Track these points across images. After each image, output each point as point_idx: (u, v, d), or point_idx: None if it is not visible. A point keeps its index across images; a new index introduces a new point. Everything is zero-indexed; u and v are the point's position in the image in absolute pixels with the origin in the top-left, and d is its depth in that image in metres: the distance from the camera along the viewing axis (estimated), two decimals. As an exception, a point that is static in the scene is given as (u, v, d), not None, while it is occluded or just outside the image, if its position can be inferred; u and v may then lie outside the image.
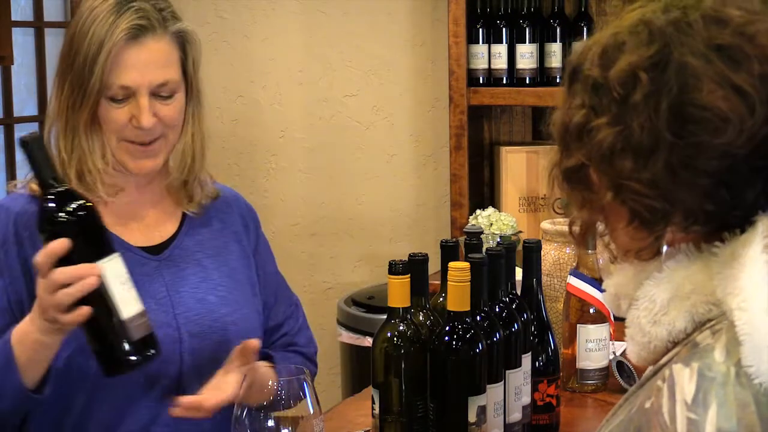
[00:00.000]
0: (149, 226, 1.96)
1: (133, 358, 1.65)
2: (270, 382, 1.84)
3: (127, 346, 1.64)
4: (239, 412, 1.55)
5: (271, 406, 1.57)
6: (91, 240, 1.66)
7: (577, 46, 1.31)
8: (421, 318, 1.76)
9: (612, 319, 2.14)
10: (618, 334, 2.21)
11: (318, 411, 1.57)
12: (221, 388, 1.78)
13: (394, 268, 1.71)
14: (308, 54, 4.12)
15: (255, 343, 1.80)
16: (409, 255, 1.75)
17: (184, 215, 2.00)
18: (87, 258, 1.64)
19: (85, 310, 1.62)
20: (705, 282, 1.20)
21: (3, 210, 1.89)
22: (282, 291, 2.11)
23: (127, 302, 1.65)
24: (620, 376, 2.14)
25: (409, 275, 1.72)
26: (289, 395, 1.58)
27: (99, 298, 1.63)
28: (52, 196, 1.65)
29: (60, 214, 1.64)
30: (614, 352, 2.18)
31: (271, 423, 1.55)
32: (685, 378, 1.14)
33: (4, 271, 1.85)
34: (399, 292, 1.72)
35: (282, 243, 4.08)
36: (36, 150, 1.67)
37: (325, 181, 4.15)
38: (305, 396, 1.59)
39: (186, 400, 1.78)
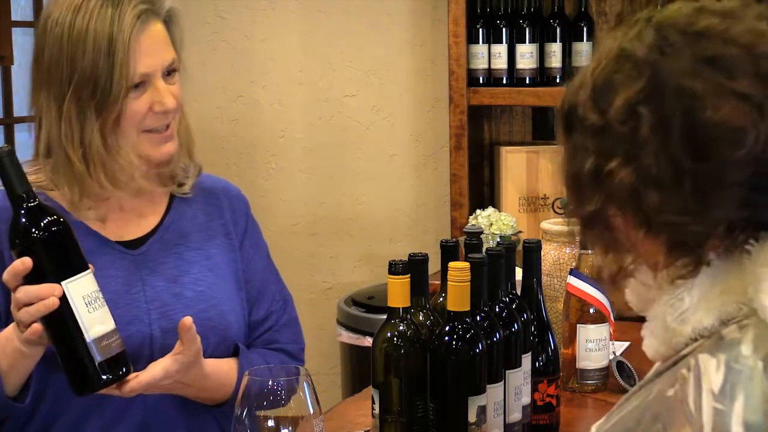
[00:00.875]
0: (131, 219, 1.92)
1: (102, 378, 1.65)
2: (215, 377, 1.85)
3: (94, 366, 1.64)
4: (239, 412, 1.55)
5: (269, 406, 1.56)
6: (61, 257, 1.64)
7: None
8: (421, 318, 1.76)
9: (612, 319, 2.14)
10: (618, 334, 2.22)
11: (318, 411, 1.56)
12: (140, 374, 1.73)
13: (394, 268, 1.71)
14: (308, 54, 4.12)
15: (188, 320, 1.74)
16: (409, 255, 1.75)
17: (168, 208, 1.96)
18: (54, 276, 1.62)
19: (35, 328, 1.62)
20: (736, 283, 1.20)
21: None
22: (269, 285, 2.04)
23: (95, 322, 1.64)
24: (620, 376, 2.14)
25: (409, 275, 1.72)
26: (283, 393, 1.57)
27: (64, 317, 1.63)
28: (24, 212, 1.64)
29: (31, 230, 1.63)
30: (614, 352, 2.18)
31: (271, 423, 1.54)
32: (712, 368, 1.14)
33: None
34: (399, 292, 1.72)
35: (282, 243, 4.08)
36: (9, 165, 1.64)
37: (325, 181, 4.15)
38: (305, 395, 1.58)
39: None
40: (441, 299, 1.81)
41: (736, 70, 1.16)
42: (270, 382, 1.55)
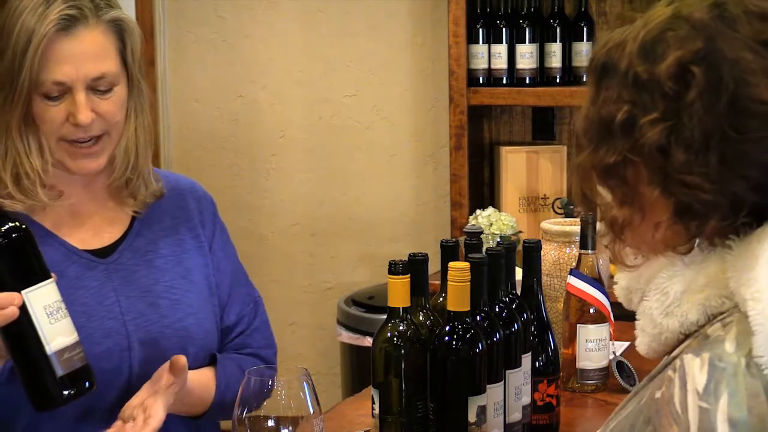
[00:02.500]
0: (97, 226, 1.85)
1: (64, 392, 1.55)
2: (196, 393, 1.82)
3: (55, 380, 1.53)
4: (239, 412, 1.55)
5: (270, 407, 1.56)
6: (21, 266, 1.55)
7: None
8: (421, 318, 1.76)
9: (612, 319, 2.14)
10: (618, 334, 2.22)
11: (318, 411, 1.56)
12: (148, 420, 1.68)
13: (394, 268, 1.70)
14: (308, 54, 4.12)
15: (183, 360, 1.71)
16: (409, 255, 1.75)
17: (133, 215, 1.89)
18: (14, 285, 1.53)
19: None
20: (719, 275, 1.21)
21: None
22: (238, 288, 1.98)
23: (56, 334, 1.54)
24: (620, 376, 2.14)
25: (409, 275, 1.72)
26: (257, 396, 1.57)
27: (24, 328, 1.53)
28: None
29: None
30: (614, 352, 2.18)
31: (271, 423, 1.54)
32: (696, 368, 1.15)
33: None
34: (399, 292, 1.72)
35: (282, 243, 4.08)
36: None
37: (325, 181, 4.15)
38: (305, 395, 1.58)
39: None
40: (441, 299, 1.81)
41: None
42: (270, 382, 1.55)
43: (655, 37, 1.22)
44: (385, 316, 1.74)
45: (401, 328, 1.72)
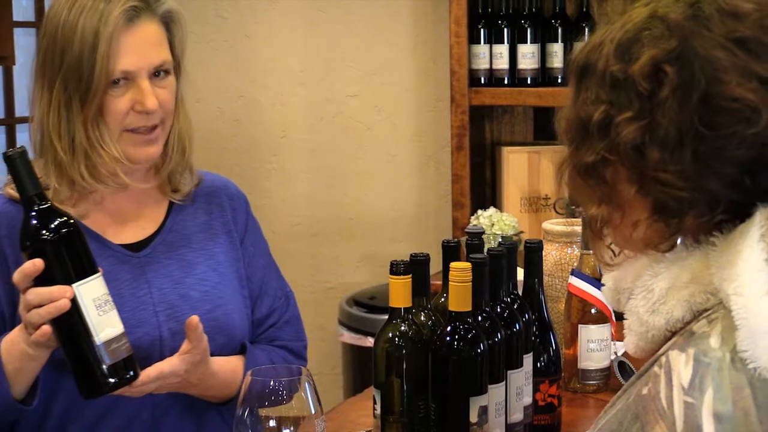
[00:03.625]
0: (132, 222, 1.92)
1: (109, 380, 1.64)
2: (223, 376, 1.86)
3: (103, 369, 1.63)
4: (241, 412, 1.55)
5: (270, 405, 1.56)
6: (72, 260, 1.64)
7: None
8: (422, 318, 1.76)
9: (614, 319, 2.14)
10: (619, 335, 2.21)
11: (319, 411, 1.56)
12: (156, 365, 1.76)
13: (395, 269, 1.70)
14: (309, 54, 4.12)
15: (195, 319, 1.77)
16: (411, 255, 1.75)
17: (169, 209, 1.96)
18: (65, 278, 1.63)
19: (45, 330, 1.62)
20: (703, 272, 1.22)
21: None
22: (270, 282, 2.05)
23: (104, 325, 1.64)
24: (622, 377, 2.14)
25: (410, 275, 1.72)
26: (286, 392, 1.58)
27: (74, 320, 1.62)
28: (35, 214, 1.64)
29: (42, 232, 1.63)
30: (616, 353, 2.18)
31: (272, 423, 1.54)
32: (681, 363, 1.16)
33: None
34: (400, 293, 1.72)
35: (283, 243, 4.08)
36: (20, 166, 1.65)
37: (326, 181, 4.15)
38: (306, 396, 1.58)
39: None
40: (442, 299, 1.81)
41: (763, 56, 1.19)
42: (271, 382, 1.55)
43: (631, 37, 1.24)
44: (386, 317, 1.74)
45: (403, 328, 1.72)
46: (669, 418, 1.15)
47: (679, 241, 1.26)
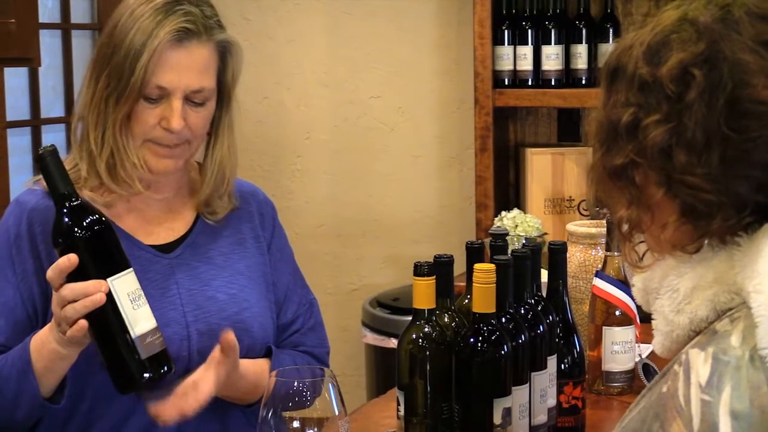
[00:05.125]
0: (162, 223, 1.95)
1: (144, 375, 1.65)
2: (250, 378, 1.88)
3: (138, 364, 1.64)
4: (264, 414, 1.55)
5: (295, 407, 1.56)
6: (104, 255, 1.66)
7: (614, 45, 1.32)
8: (446, 319, 1.76)
9: (638, 321, 2.13)
10: (644, 337, 2.21)
11: (343, 412, 1.57)
12: (198, 387, 1.78)
13: (419, 270, 1.70)
14: (333, 55, 4.12)
15: (231, 336, 1.79)
16: (435, 256, 1.75)
17: (196, 216, 1.99)
18: (98, 274, 1.64)
19: (82, 324, 1.63)
20: (727, 271, 1.22)
21: (18, 205, 1.89)
22: (295, 289, 2.07)
23: (139, 319, 1.65)
24: (646, 379, 2.13)
25: (434, 277, 1.72)
26: (310, 394, 1.58)
27: (109, 314, 1.64)
28: (67, 211, 1.66)
29: (74, 229, 1.65)
30: (640, 355, 2.17)
31: (296, 424, 1.55)
32: (699, 361, 1.17)
33: (17, 266, 1.85)
34: (424, 294, 1.72)
35: (307, 244, 4.09)
36: (52, 164, 1.67)
37: (349, 183, 4.16)
38: (330, 397, 1.58)
39: (167, 407, 1.77)
40: (466, 301, 1.81)
41: None
42: (295, 384, 1.55)
43: (660, 40, 1.24)
44: (409, 318, 1.74)
45: (426, 329, 1.72)
46: (686, 415, 1.15)
47: (706, 242, 1.26)
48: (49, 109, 3.99)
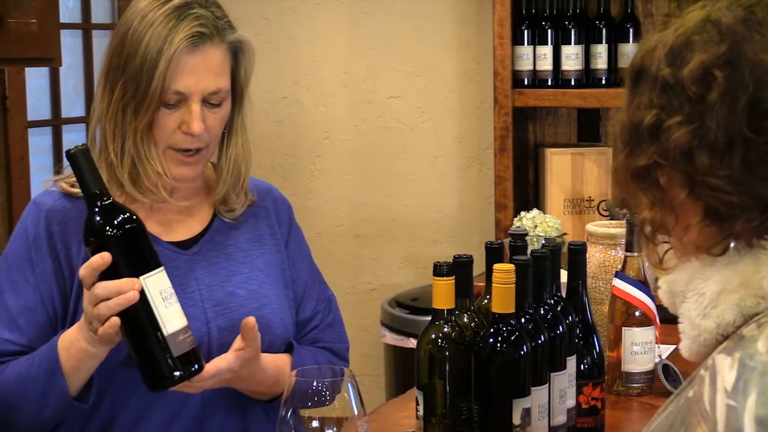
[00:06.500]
0: (181, 220, 1.95)
1: (176, 373, 1.65)
2: (271, 372, 1.88)
3: (170, 362, 1.64)
4: (284, 413, 1.55)
5: (315, 406, 1.57)
6: (136, 254, 1.66)
7: (638, 46, 1.32)
8: (465, 320, 1.76)
9: (658, 321, 2.13)
10: (664, 337, 2.20)
11: (362, 412, 1.57)
12: (213, 362, 1.78)
13: (439, 270, 1.70)
14: (352, 55, 4.13)
15: (252, 321, 1.79)
16: (454, 257, 1.75)
17: (214, 213, 1.99)
18: (131, 272, 1.64)
19: (114, 321, 1.63)
20: (753, 275, 1.22)
21: (35, 206, 1.90)
22: (313, 285, 2.08)
23: (171, 317, 1.65)
24: (666, 380, 2.12)
25: (454, 277, 1.72)
26: (330, 393, 1.58)
27: (142, 312, 1.64)
28: (99, 209, 1.66)
29: (106, 228, 1.65)
30: (660, 355, 2.16)
31: (315, 424, 1.55)
32: (726, 367, 1.16)
33: (36, 267, 1.85)
34: (444, 294, 1.72)
35: (326, 244, 4.09)
36: (83, 162, 1.67)
37: (369, 183, 4.16)
38: (349, 396, 1.59)
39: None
40: (485, 301, 1.81)
41: None
42: (315, 383, 1.55)
43: (683, 41, 1.24)
44: (428, 318, 1.74)
45: (446, 329, 1.72)
46: (711, 420, 1.14)
47: (732, 244, 1.25)
48: (70, 109, 4.01)
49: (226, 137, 1.95)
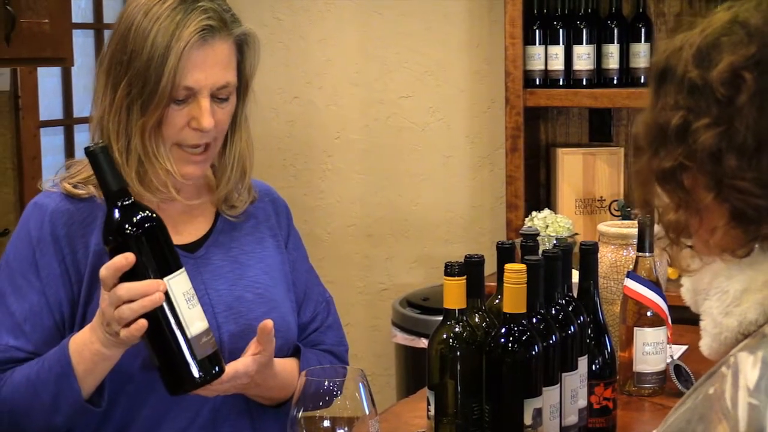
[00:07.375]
0: (185, 223, 1.92)
1: (198, 376, 1.62)
2: (280, 377, 1.87)
3: (193, 364, 1.61)
4: (295, 413, 1.55)
5: (325, 406, 1.57)
6: (159, 255, 1.62)
7: (661, 46, 1.30)
8: (476, 320, 1.76)
9: (669, 322, 2.12)
10: (675, 338, 2.20)
11: (374, 412, 1.57)
12: (230, 365, 1.75)
13: (450, 270, 1.70)
14: (364, 55, 4.13)
15: (270, 324, 1.77)
16: (466, 256, 1.75)
17: (216, 215, 1.96)
18: (153, 273, 1.60)
19: (142, 323, 1.59)
20: None
21: (37, 208, 1.84)
22: (312, 287, 2.05)
23: (194, 320, 1.62)
24: (677, 380, 2.12)
25: (465, 277, 1.72)
26: (340, 393, 1.58)
27: (165, 315, 1.60)
28: (118, 209, 1.62)
29: (127, 226, 1.60)
30: (672, 356, 2.16)
31: (327, 424, 1.55)
32: (748, 365, 1.15)
33: (42, 270, 1.81)
34: (455, 294, 1.72)
35: (337, 244, 4.09)
36: (103, 160, 1.63)
37: (380, 182, 4.16)
38: (361, 396, 1.58)
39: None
40: (497, 301, 1.81)
41: None
42: (326, 383, 1.55)
43: (710, 42, 1.22)
44: (439, 318, 1.74)
45: (457, 329, 1.72)
46: (732, 418, 1.14)
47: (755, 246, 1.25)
48: (82, 109, 4.02)
49: (230, 133, 1.91)
